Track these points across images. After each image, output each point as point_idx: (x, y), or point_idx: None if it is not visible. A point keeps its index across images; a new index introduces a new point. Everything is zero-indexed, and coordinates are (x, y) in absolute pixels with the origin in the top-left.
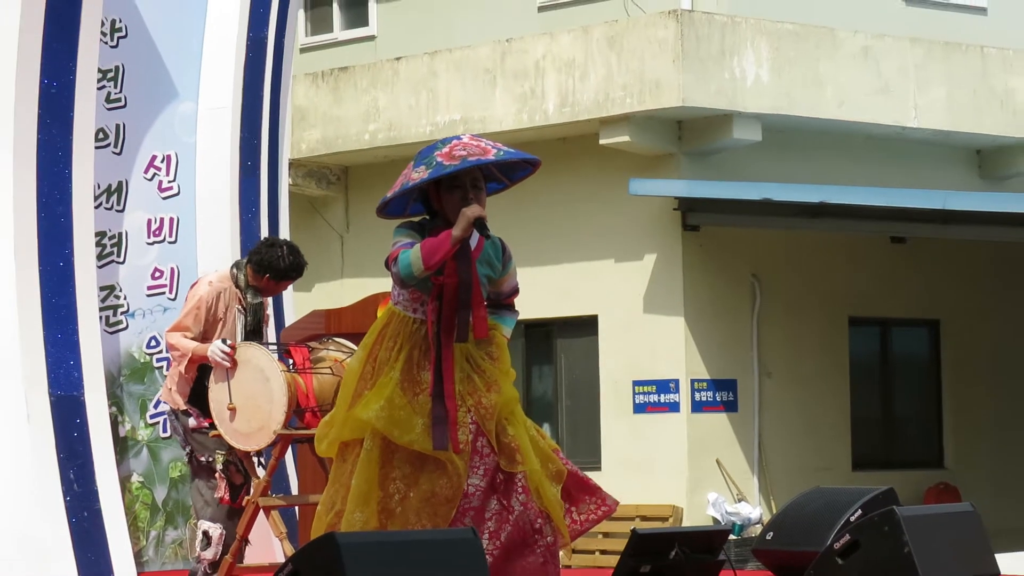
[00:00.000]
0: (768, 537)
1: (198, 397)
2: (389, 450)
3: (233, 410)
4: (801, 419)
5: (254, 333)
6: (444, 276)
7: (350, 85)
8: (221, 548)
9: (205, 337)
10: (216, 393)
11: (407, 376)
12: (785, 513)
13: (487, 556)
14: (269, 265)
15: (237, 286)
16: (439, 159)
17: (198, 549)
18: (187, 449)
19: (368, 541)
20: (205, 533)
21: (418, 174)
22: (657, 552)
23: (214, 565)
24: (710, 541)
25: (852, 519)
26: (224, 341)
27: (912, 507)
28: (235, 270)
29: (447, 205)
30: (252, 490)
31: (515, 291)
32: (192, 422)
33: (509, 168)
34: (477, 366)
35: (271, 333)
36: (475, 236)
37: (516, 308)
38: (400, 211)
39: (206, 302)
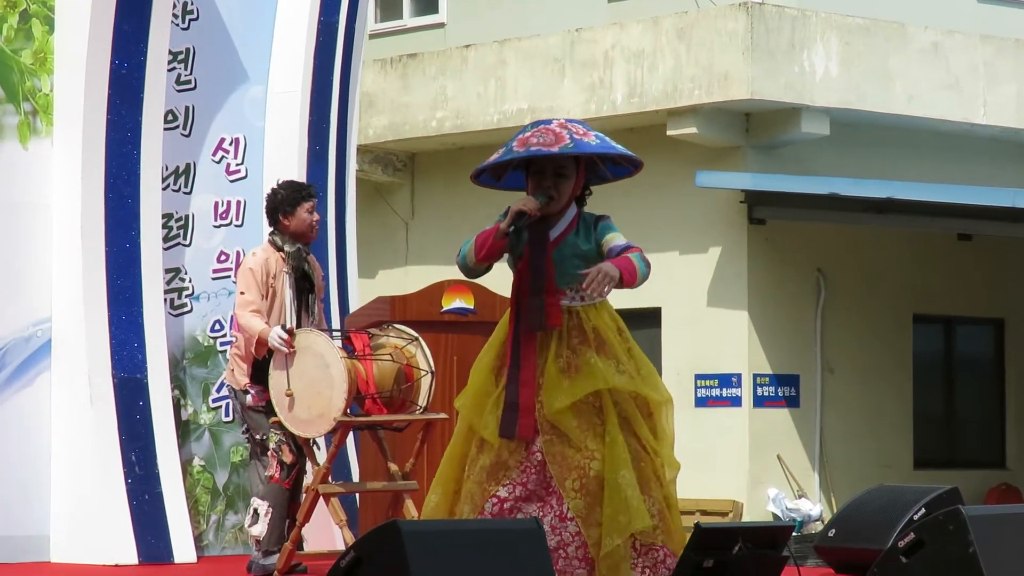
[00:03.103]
0: (830, 534)
1: (262, 374)
2: (472, 433)
3: (291, 396)
4: (863, 416)
5: (303, 282)
6: (520, 262)
7: (419, 72)
8: (268, 525)
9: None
10: (275, 379)
11: (500, 361)
12: (848, 510)
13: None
14: (274, 207)
15: (278, 249)
16: (514, 143)
17: (247, 524)
18: (244, 427)
19: (431, 529)
20: (255, 510)
21: (496, 155)
22: (720, 547)
23: (259, 541)
24: (773, 537)
25: (916, 518)
26: (283, 327)
27: (977, 507)
28: (272, 235)
29: (528, 189)
30: (312, 476)
31: (629, 245)
32: (249, 400)
33: (614, 159)
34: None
35: (335, 320)
36: (566, 219)
37: (638, 248)
38: (491, 182)
39: (257, 271)
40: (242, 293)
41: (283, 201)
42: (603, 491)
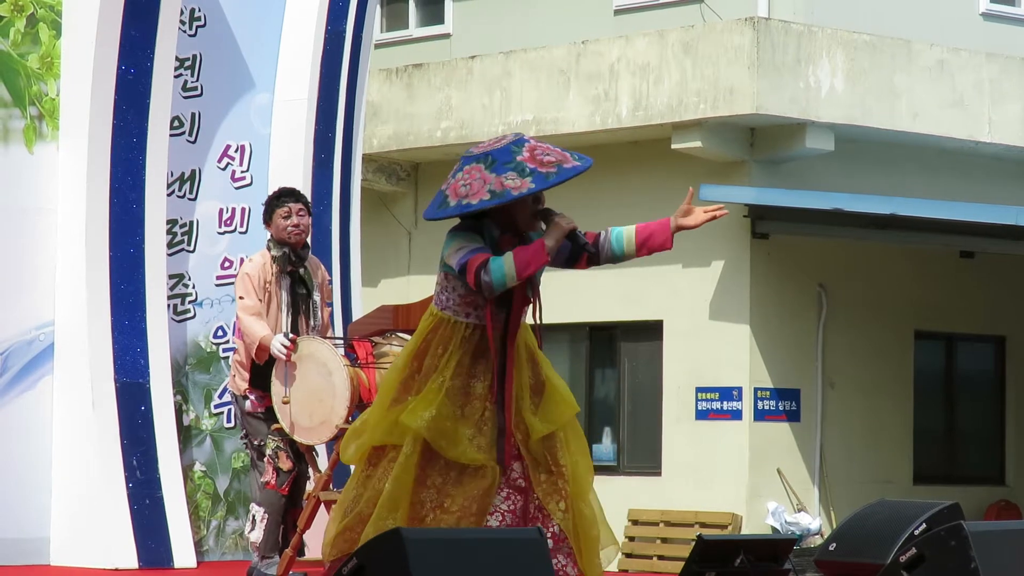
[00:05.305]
0: (831, 548)
1: (262, 379)
2: (428, 459)
3: (287, 403)
4: (863, 431)
5: (297, 286)
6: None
7: (424, 82)
8: (264, 532)
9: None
10: (277, 386)
11: (456, 385)
12: (849, 524)
13: None
14: (264, 212)
15: (271, 253)
16: (532, 166)
17: (246, 530)
18: (243, 432)
19: (434, 537)
20: (252, 516)
21: (512, 182)
22: (722, 559)
23: (257, 547)
24: (775, 550)
25: (917, 533)
26: (286, 335)
27: (979, 523)
28: (268, 241)
29: (518, 211)
30: (313, 483)
31: None
32: (248, 405)
33: None
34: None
35: (337, 328)
36: None
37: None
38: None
39: (254, 276)
40: (241, 298)
41: (264, 208)
42: (572, 508)
